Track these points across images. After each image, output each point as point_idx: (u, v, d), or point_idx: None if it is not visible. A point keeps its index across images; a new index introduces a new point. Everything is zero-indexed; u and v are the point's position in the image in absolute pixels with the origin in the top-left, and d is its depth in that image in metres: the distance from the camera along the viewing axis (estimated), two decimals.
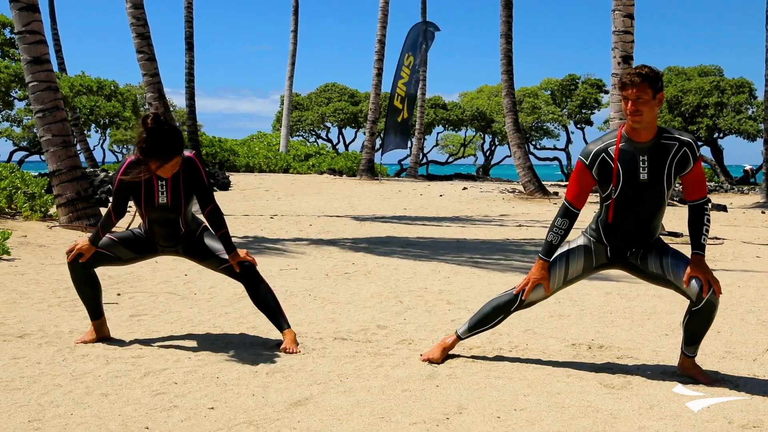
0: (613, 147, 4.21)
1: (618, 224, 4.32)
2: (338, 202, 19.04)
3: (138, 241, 4.90)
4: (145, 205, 4.68)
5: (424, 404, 3.84)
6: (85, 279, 4.84)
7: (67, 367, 4.33)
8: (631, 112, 4.09)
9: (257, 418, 3.61)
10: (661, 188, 4.18)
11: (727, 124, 44.65)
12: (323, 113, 49.36)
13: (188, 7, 27.01)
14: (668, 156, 4.15)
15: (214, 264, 4.87)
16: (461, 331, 4.65)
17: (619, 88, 4.16)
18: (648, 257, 4.35)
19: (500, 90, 50.06)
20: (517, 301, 4.44)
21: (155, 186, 4.64)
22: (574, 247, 4.46)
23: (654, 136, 4.18)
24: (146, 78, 14.88)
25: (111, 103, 28.40)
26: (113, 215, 4.79)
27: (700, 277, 4.13)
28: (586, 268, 4.45)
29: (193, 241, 4.88)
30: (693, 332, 4.27)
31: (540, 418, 3.67)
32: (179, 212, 4.72)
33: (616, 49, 12.09)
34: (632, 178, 4.18)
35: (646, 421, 3.65)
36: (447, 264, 8.68)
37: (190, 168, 4.65)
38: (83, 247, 4.78)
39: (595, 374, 4.40)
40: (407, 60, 28.71)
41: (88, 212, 11.01)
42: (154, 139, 4.43)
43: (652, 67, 4.15)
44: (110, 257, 4.86)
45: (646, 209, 4.25)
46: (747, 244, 11.93)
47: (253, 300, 4.84)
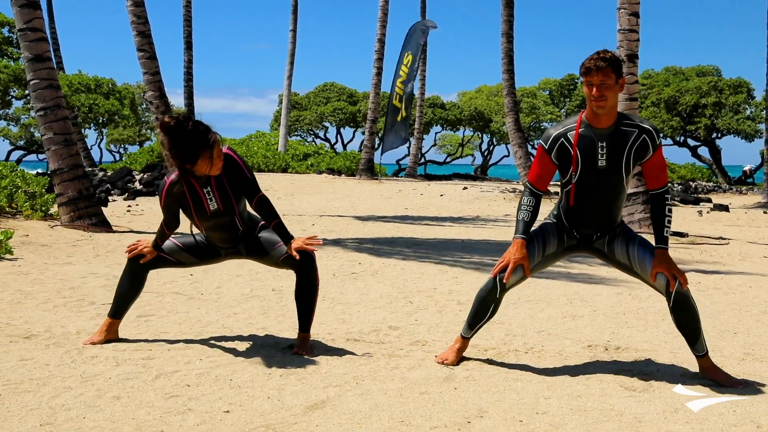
0: (572, 132, 4.19)
1: (579, 209, 4.30)
2: (339, 202, 18.95)
3: (201, 247, 4.81)
4: (197, 217, 4.57)
5: (443, 408, 3.76)
6: (134, 280, 4.79)
7: (77, 369, 4.23)
8: (596, 97, 4.06)
9: (274, 421, 3.52)
10: (620, 174, 4.17)
11: (725, 124, 44.64)
12: (322, 113, 49.26)
13: (187, 6, 26.91)
14: (627, 143, 4.14)
15: (272, 260, 4.74)
16: (464, 332, 4.57)
17: (583, 73, 4.11)
18: (614, 244, 4.34)
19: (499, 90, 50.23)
20: (498, 286, 4.32)
21: (202, 195, 4.52)
22: (545, 224, 4.45)
23: (614, 122, 4.17)
24: (147, 76, 14.76)
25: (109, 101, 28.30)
26: (166, 228, 4.71)
27: (665, 272, 4.13)
28: (559, 247, 4.40)
29: (252, 239, 4.76)
30: (685, 330, 4.24)
31: (563, 422, 3.58)
32: (233, 213, 4.60)
33: (621, 48, 12.01)
34: (591, 164, 4.17)
35: (672, 425, 3.57)
36: (454, 264, 8.60)
37: (229, 164, 4.51)
38: (146, 250, 4.72)
39: (615, 376, 4.31)
40: (406, 59, 28.61)
41: (90, 211, 10.90)
42: (179, 138, 4.31)
43: (613, 52, 4.15)
44: (172, 262, 4.81)
45: (606, 195, 4.24)
46: (753, 244, 11.86)
47: (296, 291, 4.68)
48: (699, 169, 42.06)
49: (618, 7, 12.04)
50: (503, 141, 51.48)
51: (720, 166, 45.77)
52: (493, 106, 49.18)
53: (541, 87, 53.05)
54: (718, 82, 45.50)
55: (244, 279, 7.24)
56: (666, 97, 44.39)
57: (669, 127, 44.55)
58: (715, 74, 47.80)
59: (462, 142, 54.01)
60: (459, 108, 48.66)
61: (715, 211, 18.77)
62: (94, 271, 7.47)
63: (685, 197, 22.41)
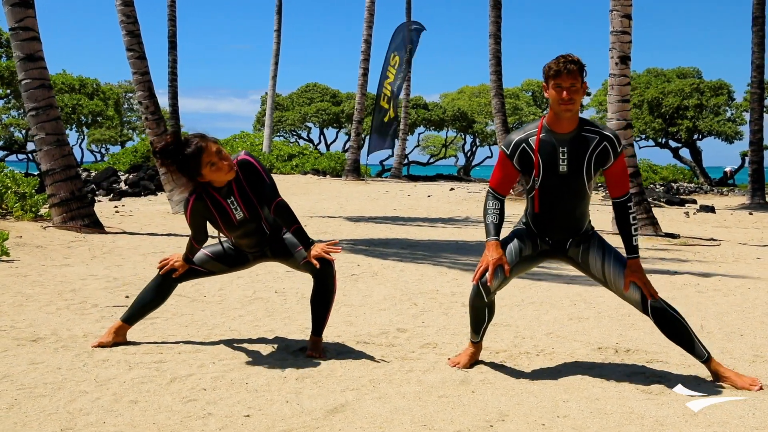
0: (534, 137, 4.18)
1: (544, 214, 4.30)
2: (327, 203, 18.90)
3: (230, 254, 4.79)
4: (226, 229, 4.55)
5: (463, 411, 3.74)
6: (161, 292, 4.78)
7: (89, 372, 4.19)
8: (566, 100, 4.04)
9: (296, 426, 3.49)
10: (581, 180, 4.17)
11: (706, 126, 44.96)
12: (305, 113, 49.14)
13: (171, 6, 26.71)
14: (588, 149, 4.14)
15: (294, 263, 4.72)
16: (471, 337, 4.57)
17: (552, 76, 4.07)
18: (589, 256, 4.32)
19: (481, 90, 50.38)
20: (483, 290, 4.26)
21: (227, 206, 4.49)
22: (516, 229, 4.44)
23: (575, 127, 4.16)
24: (136, 76, 14.64)
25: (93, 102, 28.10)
26: (194, 243, 4.68)
27: (637, 281, 4.16)
28: (534, 250, 4.38)
29: (276, 242, 4.73)
30: (677, 340, 4.25)
31: (585, 426, 3.58)
32: (259, 219, 4.58)
33: (613, 50, 12.06)
34: (552, 170, 4.16)
35: (694, 428, 3.57)
36: (452, 266, 8.59)
37: (248, 170, 4.48)
38: (177, 264, 4.71)
39: (629, 379, 4.32)
40: (393, 60, 28.59)
41: (83, 212, 10.80)
42: (173, 160, 4.33)
43: (578, 57, 4.15)
44: (203, 272, 4.80)
45: (569, 200, 4.24)
46: (744, 245, 11.94)
47: (313, 295, 4.66)
48: (680, 171, 42.33)
49: (611, 9, 12.08)
50: (486, 142, 51.59)
51: (701, 167, 46.08)
52: (476, 107, 49.28)
53: (524, 88, 53.24)
54: (699, 84, 45.84)
55: (245, 281, 7.19)
56: (649, 99, 44.64)
57: (651, 128, 44.84)
58: (696, 76, 48.14)
59: (445, 143, 54.06)
60: (442, 108, 48.70)
61: (701, 212, 18.90)
62: (93, 273, 7.40)
63: (671, 198, 22.55)
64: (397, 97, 29.85)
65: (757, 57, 22.64)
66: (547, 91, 4.14)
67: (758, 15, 22.44)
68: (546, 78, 4.12)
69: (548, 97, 4.15)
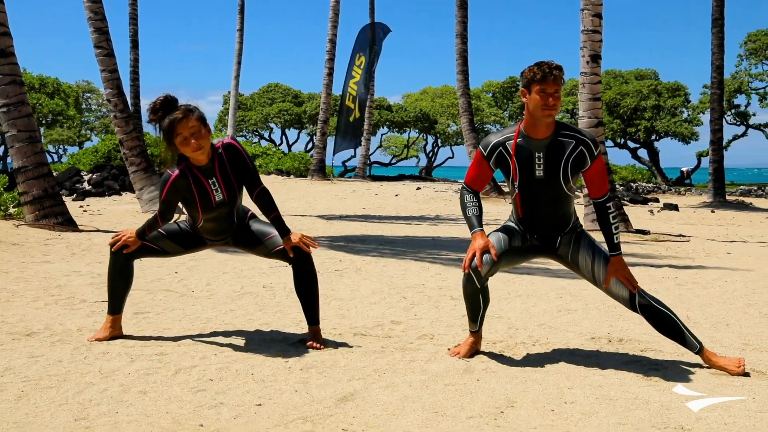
0: (511, 142, 4.22)
1: (528, 217, 4.36)
2: (295, 202, 18.86)
3: (186, 235, 4.75)
4: (202, 209, 4.52)
5: (472, 398, 3.77)
6: (121, 271, 4.69)
7: (92, 365, 4.15)
8: (551, 105, 4.07)
9: (310, 414, 3.50)
10: (558, 184, 4.22)
11: (663, 127, 45.66)
12: (267, 114, 48.94)
13: (133, 4, 26.44)
14: (564, 153, 4.17)
15: (264, 250, 4.69)
16: (470, 327, 4.60)
17: (538, 80, 4.08)
18: (579, 256, 4.37)
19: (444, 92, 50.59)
20: (474, 275, 4.29)
21: (208, 186, 4.47)
22: (506, 224, 4.50)
23: (552, 132, 4.19)
24: (105, 74, 14.46)
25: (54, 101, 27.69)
26: (160, 220, 4.63)
27: (619, 276, 4.23)
28: (524, 243, 4.43)
29: (241, 230, 4.72)
30: (667, 333, 4.32)
31: (594, 411, 3.63)
32: (234, 204, 4.58)
33: (584, 48, 12.21)
34: (529, 175, 4.21)
35: (700, 412, 3.64)
36: (434, 261, 8.64)
37: (232, 154, 4.48)
38: (129, 239, 4.62)
39: (628, 367, 4.39)
40: (359, 60, 28.62)
41: (56, 210, 10.64)
42: (174, 109, 4.33)
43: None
44: (156, 250, 4.72)
45: (550, 202, 4.29)
46: (712, 241, 12.17)
47: (296, 286, 4.65)
48: (639, 171, 42.98)
49: (581, 8, 12.23)
50: (448, 143, 51.84)
51: (658, 167, 46.81)
52: (438, 108, 49.48)
53: (485, 89, 53.59)
54: (657, 86, 46.55)
55: (231, 276, 7.16)
56: (608, 100, 45.21)
57: (610, 129, 45.41)
58: (653, 78, 48.90)
59: (407, 143, 54.19)
60: (404, 110, 48.80)
61: (665, 210, 19.20)
62: (76, 269, 7.31)
63: (634, 197, 22.88)
64: (364, 98, 29.86)
65: (716, 58, 23.06)
66: (528, 96, 4.13)
67: (717, 17, 22.86)
68: (528, 83, 4.11)
69: (527, 102, 4.14)
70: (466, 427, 3.39)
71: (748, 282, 7.60)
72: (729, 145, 45.86)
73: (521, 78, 4.22)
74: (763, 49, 43.32)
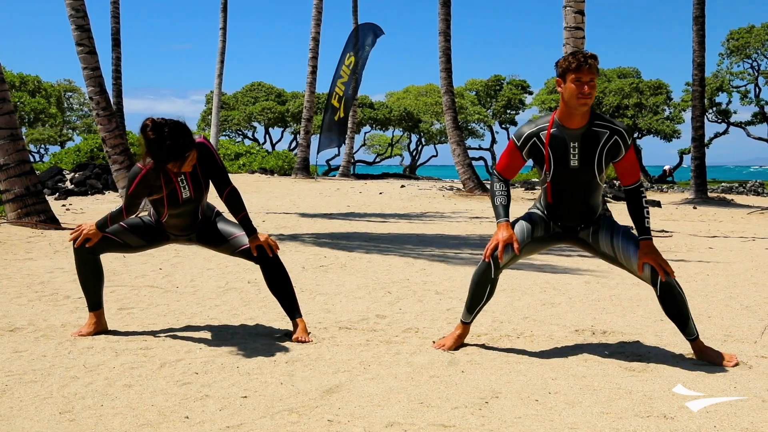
0: (545, 132, 4.25)
1: (557, 205, 4.39)
2: (280, 200, 18.82)
3: (149, 229, 4.72)
4: (169, 205, 4.50)
5: (457, 390, 3.80)
6: (89, 266, 4.66)
7: (76, 359, 4.14)
8: (586, 94, 4.08)
9: (296, 405, 3.51)
10: (592, 173, 4.25)
11: (645, 124, 45.88)
12: (250, 113, 48.82)
13: (114, 3, 26.30)
14: (599, 143, 4.20)
15: (229, 249, 4.70)
16: (463, 317, 4.61)
17: (573, 69, 4.10)
18: (599, 235, 4.42)
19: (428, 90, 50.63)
20: (493, 264, 4.35)
21: (176, 183, 4.46)
22: (532, 211, 4.53)
23: (587, 122, 4.22)
24: (87, 71, 14.35)
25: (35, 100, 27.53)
26: (125, 212, 4.61)
27: (651, 262, 4.22)
28: (546, 233, 4.47)
29: (207, 228, 4.72)
30: (675, 316, 4.35)
31: (578, 401, 3.66)
32: (200, 201, 4.58)
33: (567, 45, 12.26)
34: (563, 164, 4.24)
35: (681, 400, 3.68)
36: (418, 257, 8.66)
37: (203, 153, 4.47)
38: (90, 232, 4.57)
39: (611, 358, 4.42)
40: (348, 60, 28.58)
41: (38, 208, 10.58)
42: (161, 147, 4.21)
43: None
44: (119, 244, 4.67)
45: (581, 191, 4.33)
46: (694, 236, 12.25)
47: (268, 284, 4.68)
48: None
49: (564, 5, 12.28)
50: (432, 141, 51.92)
51: (641, 165, 47.06)
52: (422, 106, 49.53)
53: (468, 87, 53.66)
54: (639, 84, 46.79)
55: (216, 272, 7.16)
56: None
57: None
58: (635, 76, 49.13)
59: (391, 142, 54.22)
60: (388, 108, 48.82)
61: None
62: (60, 266, 7.29)
63: (617, 194, 22.98)
64: (350, 98, 29.82)
65: (698, 56, 23.18)
66: (563, 85, 4.15)
67: (698, 15, 22.98)
68: (563, 72, 4.14)
69: (562, 92, 4.16)
70: (451, 417, 3.41)
71: (730, 275, 7.67)
72: (711, 143, 46.18)
73: (556, 68, 4.24)
74: (744, 48, 43.62)
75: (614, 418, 3.43)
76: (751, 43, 43.22)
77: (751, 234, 12.88)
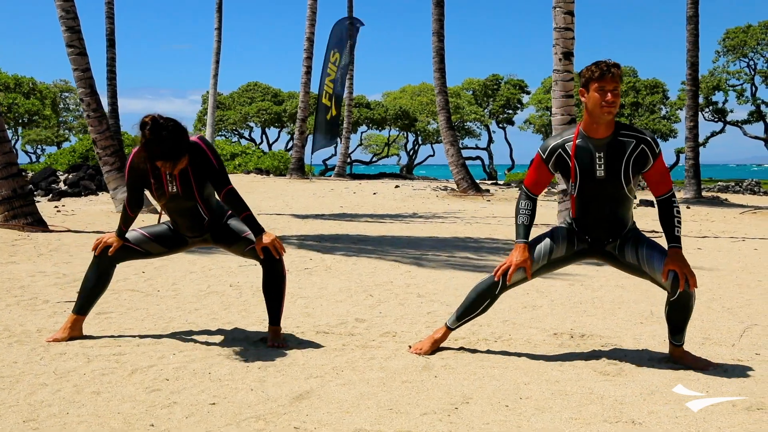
0: (570, 143, 4.22)
1: (583, 217, 4.35)
2: (273, 201, 18.81)
3: (168, 235, 4.75)
4: (157, 196, 4.51)
5: (428, 395, 3.78)
6: (101, 274, 4.71)
7: (47, 366, 4.12)
8: (610, 102, 4.05)
9: (264, 412, 3.49)
10: (619, 184, 4.19)
11: (642, 124, 45.87)
12: (246, 113, 48.78)
13: (109, 3, 26.24)
14: (625, 153, 4.15)
15: (240, 248, 4.68)
16: (450, 322, 4.60)
17: (596, 78, 4.09)
18: (625, 247, 4.36)
19: (423, 89, 50.56)
20: (500, 282, 4.37)
21: (163, 176, 4.45)
22: (556, 228, 4.49)
23: (612, 132, 4.18)
24: (77, 73, 14.33)
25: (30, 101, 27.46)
26: (129, 209, 4.64)
27: (677, 270, 4.14)
28: (568, 251, 4.43)
29: (219, 227, 4.70)
30: (675, 322, 4.31)
31: (548, 406, 3.65)
32: (194, 200, 4.53)
33: (557, 46, 12.23)
34: (589, 175, 4.19)
35: (653, 406, 3.67)
36: (404, 259, 8.64)
37: (196, 153, 4.43)
38: (110, 241, 4.64)
39: (586, 362, 4.41)
40: (333, 57, 28.56)
41: (26, 210, 10.54)
42: (155, 145, 4.20)
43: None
44: (140, 252, 4.73)
45: (608, 203, 4.27)
46: (684, 237, 12.23)
47: (264, 284, 4.64)
48: None
49: (554, 6, 12.25)
50: (428, 140, 51.88)
51: None
52: (418, 106, 49.48)
53: (465, 87, 53.63)
54: (635, 83, 46.79)
55: (198, 276, 7.13)
56: None
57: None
58: (632, 75, 49.11)
59: (388, 141, 54.19)
60: (384, 107, 48.78)
61: (641, 206, 19.28)
62: (42, 269, 7.26)
63: None
64: (341, 95, 29.81)
65: (691, 55, 23.20)
66: (586, 95, 4.13)
67: (692, 14, 22.99)
68: (587, 82, 4.12)
69: (586, 102, 4.14)
70: (419, 424, 3.39)
71: (715, 277, 7.66)
72: (707, 142, 46.17)
73: (580, 78, 4.22)
74: (740, 47, 43.61)
75: (582, 424, 3.42)
76: (747, 42, 43.21)
77: (741, 234, 12.88)
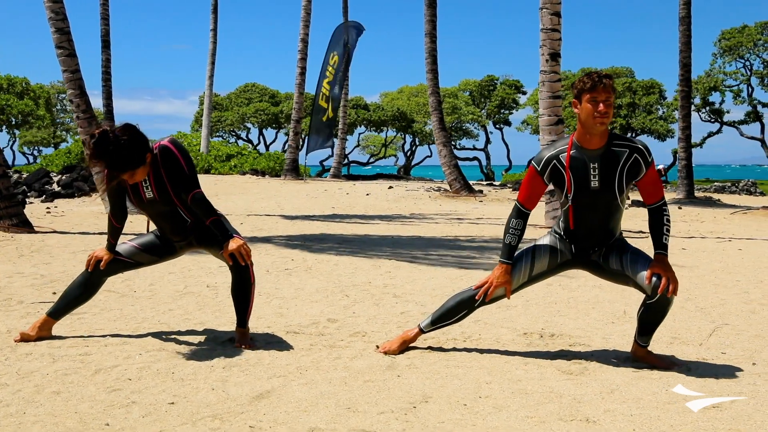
0: (564, 154, 4.23)
1: (577, 228, 4.36)
2: (265, 202, 18.83)
3: (158, 244, 4.77)
4: (136, 203, 4.55)
5: (388, 394, 3.80)
6: (89, 287, 4.74)
7: (12, 366, 4.14)
8: (602, 113, 4.06)
9: (221, 411, 3.51)
10: (613, 194, 4.21)
11: (639, 124, 45.93)
12: (244, 114, 48.83)
13: (104, 4, 26.28)
14: (619, 163, 4.17)
15: (215, 251, 4.70)
16: (424, 325, 4.61)
17: (588, 89, 4.09)
18: (610, 255, 4.38)
19: (420, 90, 50.63)
20: (479, 300, 4.42)
21: (139, 183, 4.48)
22: (540, 244, 4.49)
23: (605, 142, 4.20)
24: (66, 74, 14.36)
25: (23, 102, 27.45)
26: (114, 220, 4.68)
27: (661, 273, 4.16)
28: (551, 265, 4.45)
29: (203, 230, 4.69)
30: (646, 324, 4.33)
31: (506, 405, 3.67)
32: (172, 204, 4.54)
33: (544, 47, 12.26)
34: (584, 185, 4.21)
35: (610, 404, 3.69)
36: (386, 260, 8.65)
37: (166, 157, 4.44)
38: (100, 255, 4.67)
39: (551, 361, 4.43)
40: (332, 59, 28.59)
41: (11, 212, 10.57)
42: (98, 158, 4.22)
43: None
44: (131, 264, 4.76)
45: (602, 213, 4.29)
46: (671, 237, 12.25)
47: (232, 288, 4.66)
48: None
49: (540, 7, 12.29)
50: (426, 141, 51.93)
51: None
52: (415, 107, 49.54)
53: (462, 88, 53.70)
54: (632, 83, 46.83)
55: (177, 276, 7.15)
56: None
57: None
58: (629, 75, 49.15)
59: (385, 142, 54.25)
60: (382, 109, 48.83)
61: (633, 207, 19.31)
62: (20, 270, 7.28)
63: None
64: (338, 97, 29.83)
65: (684, 56, 23.22)
66: (579, 106, 4.14)
67: (684, 15, 23.00)
68: (579, 93, 4.13)
69: (579, 113, 4.15)
70: (374, 423, 3.41)
71: (693, 277, 7.68)
72: (704, 142, 46.22)
73: (572, 90, 4.24)
74: (737, 47, 43.64)
75: (537, 422, 3.44)
76: (743, 42, 43.24)
77: (729, 234, 12.90)
